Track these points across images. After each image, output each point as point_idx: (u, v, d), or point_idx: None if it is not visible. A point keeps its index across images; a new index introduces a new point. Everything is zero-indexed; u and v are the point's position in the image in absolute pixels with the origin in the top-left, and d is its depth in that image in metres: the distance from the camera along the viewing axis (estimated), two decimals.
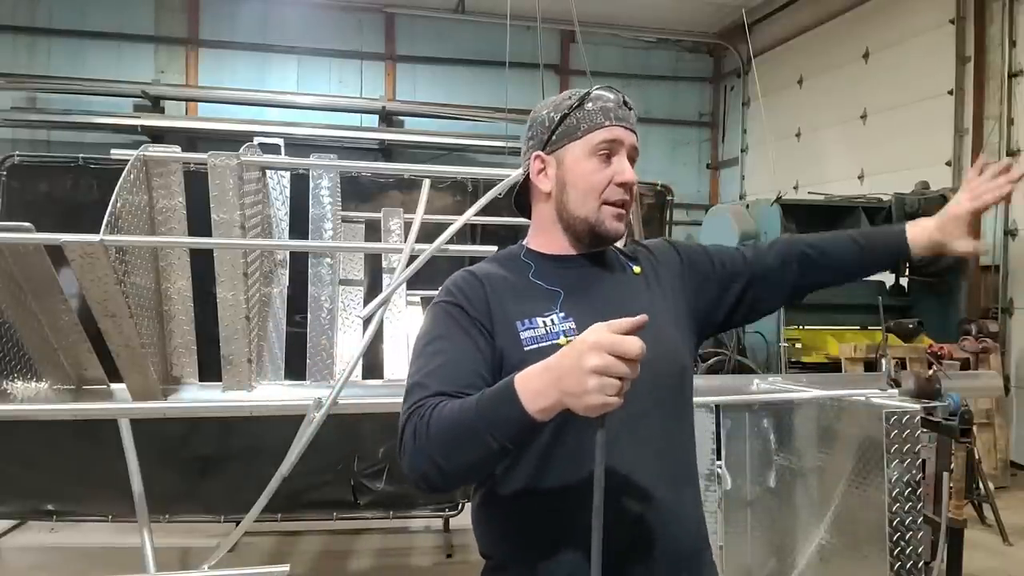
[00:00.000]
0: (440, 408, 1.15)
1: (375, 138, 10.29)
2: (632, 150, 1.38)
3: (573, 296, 1.36)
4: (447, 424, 1.13)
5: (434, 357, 1.26)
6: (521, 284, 1.37)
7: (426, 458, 1.15)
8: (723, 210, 7.11)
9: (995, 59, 7.11)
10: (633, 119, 1.40)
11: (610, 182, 1.35)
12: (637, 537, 1.29)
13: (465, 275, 1.38)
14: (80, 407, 2.67)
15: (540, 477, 1.29)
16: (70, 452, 3.83)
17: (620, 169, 1.36)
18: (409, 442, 1.17)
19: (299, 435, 2.44)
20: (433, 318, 1.33)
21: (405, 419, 1.19)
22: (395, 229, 3.45)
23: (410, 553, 4.53)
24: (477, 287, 1.34)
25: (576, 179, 1.37)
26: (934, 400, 2.98)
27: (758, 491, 3.03)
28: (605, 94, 1.40)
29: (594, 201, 1.36)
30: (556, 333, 1.30)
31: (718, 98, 11.99)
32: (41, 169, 4.21)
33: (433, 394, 1.19)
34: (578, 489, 1.24)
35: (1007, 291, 6.90)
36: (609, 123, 1.36)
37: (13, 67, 9.80)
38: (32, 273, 2.53)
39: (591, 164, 1.36)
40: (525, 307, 1.33)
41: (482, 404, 1.11)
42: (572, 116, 1.38)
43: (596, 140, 1.36)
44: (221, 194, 2.74)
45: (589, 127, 1.36)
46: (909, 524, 2.40)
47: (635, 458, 1.29)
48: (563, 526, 1.27)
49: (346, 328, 3.29)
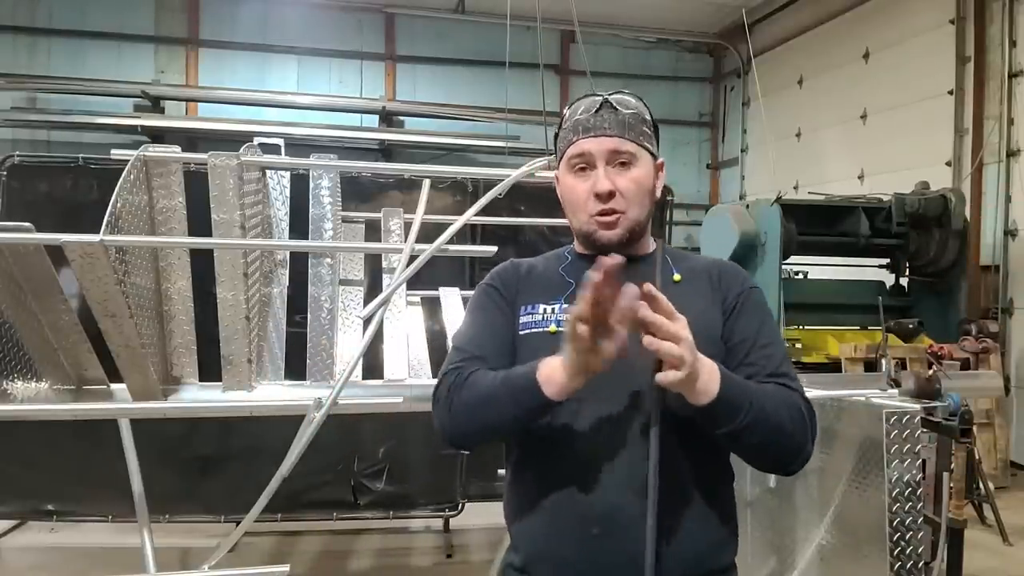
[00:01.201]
0: (475, 375, 1.33)
1: (375, 138, 10.29)
2: (611, 155, 1.38)
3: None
4: (478, 390, 1.31)
5: (471, 327, 1.47)
6: (548, 275, 1.48)
7: (452, 413, 1.33)
8: (723, 210, 7.11)
9: (995, 59, 7.11)
10: (612, 122, 1.38)
11: (589, 195, 1.39)
12: (591, 534, 1.29)
13: (507, 264, 1.54)
14: (80, 407, 2.67)
15: (524, 464, 1.40)
16: (70, 452, 3.83)
17: (595, 180, 1.38)
18: (443, 395, 1.35)
19: (299, 435, 2.44)
20: (475, 297, 1.52)
21: (442, 375, 1.38)
22: (395, 229, 3.45)
23: (410, 553, 4.53)
24: (513, 274, 1.50)
25: (564, 196, 1.46)
26: (934, 400, 2.98)
27: (758, 491, 3.03)
28: (581, 105, 1.42)
29: (582, 215, 1.41)
30: (550, 320, 1.38)
31: (718, 98, 11.99)
32: (41, 169, 4.20)
33: (468, 357, 1.38)
34: (549, 475, 1.34)
35: (1007, 291, 6.90)
36: (577, 138, 1.40)
37: (13, 67, 9.80)
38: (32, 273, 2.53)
39: (570, 180, 1.43)
40: (539, 294, 1.44)
41: (507, 380, 1.28)
42: (560, 134, 1.46)
43: (569, 157, 1.42)
44: (221, 194, 2.74)
45: (565, 145, 1.43)
46: (909, 524, 2.40)
47: (603, 456, 1.30)
48: (545, 505, 1.34)
49: (346, 328, 3.28)
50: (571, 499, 1.30)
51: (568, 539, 1.30)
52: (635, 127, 1.40)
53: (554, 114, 8.39)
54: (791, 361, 1.43)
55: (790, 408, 1.30)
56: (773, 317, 1.46)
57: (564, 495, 1.31)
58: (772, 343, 1.39)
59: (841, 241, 6.60)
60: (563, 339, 1.18)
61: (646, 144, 1.42)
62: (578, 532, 1.29)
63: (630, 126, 1.39)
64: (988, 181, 7.10)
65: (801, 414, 1.31)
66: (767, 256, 6.36)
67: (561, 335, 1.29)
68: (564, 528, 1.30)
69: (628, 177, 1.38)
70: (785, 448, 1.31)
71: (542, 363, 1.24)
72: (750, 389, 1.27)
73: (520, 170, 2.97)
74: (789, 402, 1.31)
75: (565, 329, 1.17)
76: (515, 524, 1.40)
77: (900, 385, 3.03)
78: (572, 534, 1.30)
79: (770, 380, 1.33)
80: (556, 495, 1.32)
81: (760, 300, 1.45)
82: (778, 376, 1.34)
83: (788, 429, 1.28)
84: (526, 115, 9.23)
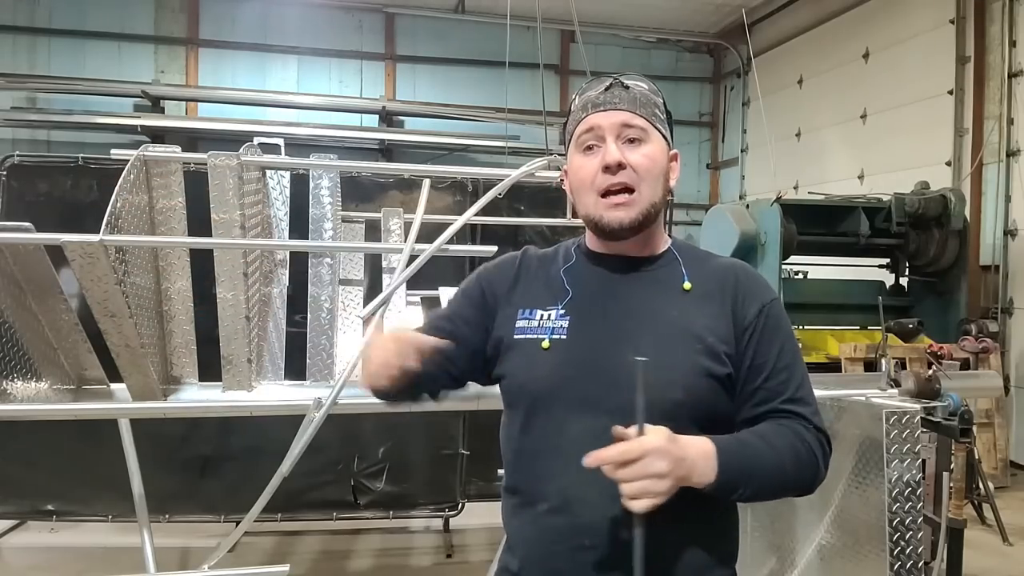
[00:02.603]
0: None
1: (375, 138, 10.29)
2: (621, 128, 1.31)
3: (582, 296, 1.37)
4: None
5: (444, 308, 1.49)
6: (551, 275, 1.42)
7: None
8: (723, 210, 7.10)
9: (995, 59, 7.11)
10: (622, 97, 1.33)
11: (597, 171, 1.31)
12: (583, 545, 1.27)
13: (509, 256, 1.49)
14: (80, 407, 2.67)
15: (516, 472, 1.38)
16: (70, 452, 3.84)
17: (604, 153, 1.30)
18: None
19: (299, 435, 2.45)
20: (464, 282, 1.50)
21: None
22: (395, 229, 3.45)
23: (410, 553, 4.53)
24: (510, 269, 1.45)
25: (574, 180, 1.38)
26: (934, 400, 2.97)
27: None
28: (591, 85, 1.38)
29: (590, 196, 1.33)
30: (545, 330, 1.34)
31: (718, 98, 11.99)
32: (41, 169, 4.20)
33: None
34: (538, 484, 1.32)
35: (1007, 291, 6.89)
36: (586, 114, 1.34)
37: (13, 67, 9.79)
38: (32, 273, 2.54)
39: (579, 160, 1.35)
40: (537, 298, 1.39)
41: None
42: (570, 117, 1.40)
43: (577, 136, 1.35)
44: (221, 194, 2.74)
45: (574, 126, 1.37)
46: (909, 524, 2.40)
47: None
48: (527, 516, 1.33)
49: (346, 328, 3.28)
50: (561, 511, 1.28)
51: (560, 549, 1.28)
52: (647, 105, 1.34)
53: (554, 114, 8.43)
54: (808, 377, 1.37)
55: (796, 451, 1.28)
56: (791, 329, 1.40)
57: (555, 507, 1.29)
58: (790, 365, 1.33)
59: (841, 241, 6.60)
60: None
61: (657, 125, 1.35)
62: (570, 543, 1.27)
63: (641, 103, 1.34)
64: (988, 181, 7.10)
65: (809, 448, 1.29)
66: (767, 256, 6.36)
67: (553, 349, 1.32)
68: (556, 538, 1.28)
69: (640, 153, 1.31)
70: (795, 488, 1.33)
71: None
72: (747, 455, 1.23)
73: (520, 170, 2.97)
74: (795, 443, 1.28)
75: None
76: (510, 527, 1.38)
77: (900, 385, 3.03)
78: (564, 544, 1.28)
79: (784, 408, 1.31)
80: (547, 505, 1.30)
81: (779, 314, 1.36)
82: (793, 402, 1.31)
83: (793, 475, 1.28)
84: (526, 115, 9.23)
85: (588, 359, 1.31)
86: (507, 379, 1.39)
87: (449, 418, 4.06)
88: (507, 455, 1.40)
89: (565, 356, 1.32)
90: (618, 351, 1.27)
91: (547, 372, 1.32)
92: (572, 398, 1.29)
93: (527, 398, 1.34)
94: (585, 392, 1.29)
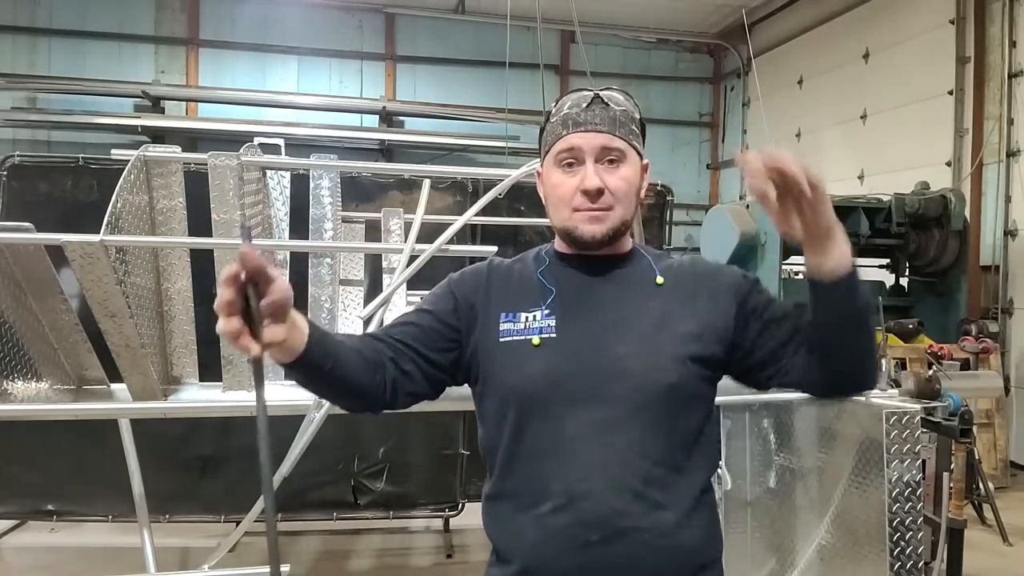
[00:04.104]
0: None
1: (375, 138, 10.30)
2: (601, 152, 1.35)
3: (565, 295, 1.39)
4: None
5: (408, 315, 1.45)
6: (525, 278, 1.43)
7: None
8: (723, 210, 7.10)
9: (995, 59, 7.11)
10: (602, 118, 1.35)
11: (576, 191, 1.35)
12: (590, 540, 1.27)
13: (479, 266, 1.48)
14: (80, 407, 2.67)
15: (509, 476, 1.36)
16: (70, 452, 3.83)
17: (583, 176, 1.34)
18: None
19: (299, 435, 2.45)
20: (437, 287, 1.48)
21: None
22: (395, 229, 3.45)
23: (410, 553, 4.53)
24: (479, 277, 1.45)
25: (548, 192, 1.42)
26: (934, 400, 2.98)
27: (758, 491, 3.03)
28: (571, 99, 1.40)
29: (565, 211, 1.37)
30: (533, 330, 1.36)
31: (718, 98, 11.99)
32: (41, 169, 4.20)
33: (379, 336, 1.39)
34: (538, 484, 1.31)
35: (1007, 291, 6.90)
36: (567, 132, 1.36)
37: (13, 67, 9.80)
38: (32, 273, 2.53)
39: (556, 176, 1.38)
40: (518, 301, 1.40)
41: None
42: (546, 128, 1.43)
43: (556, 152, 1.38)
44: (221, 194, 2.74)
45: (552, 139, 1.39)
46: (909, 524, 2.40)
47: (597, 461, 1.28)
48: (528, 519, 1.32)
49: (346, 328, 3.28)
50: (567, 508, 1.28)
51: (567, 548, 1.28)
52: (625, 125, 1.37)
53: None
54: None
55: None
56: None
57: (559, 505, 1.29)
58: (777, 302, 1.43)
59: None
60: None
61: (634, 143, 1.39)
62: (578, 540, 1.27)
63: (620, 123, 1.37)
64: (988, 181, 7.10)
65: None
66: (767, 256, 6.36)
67: (544, 347, 1.33)
68: (563, 537, 1.28)
69: (618, 176, 1.35)
70: (871, 350, 1.38)
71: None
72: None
73: (520, 170, 2.97)
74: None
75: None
76: (505, 533, 1.36)
77: (900, 385, 3.03)
78: (572, 542, 1.27)
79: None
80: (551, 504, 1.29)
81: (753, 279, 1.44)
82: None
83: (872, 344, 1.36)
84: (526, 115, 9.23)
85: (580, 354, 1.33)
86: (493, 382, 1.37)
87: (449, 418, 4.06)
88: (496, 460, 1.38)
89: (557, 353, 1.33)
90: (608, 344, 1.32)
91: (540, 370, 1.32)
92: (567, 394, 1.31)
93: (519, 399, 1.34)
94: (580, 386, 1.31)
